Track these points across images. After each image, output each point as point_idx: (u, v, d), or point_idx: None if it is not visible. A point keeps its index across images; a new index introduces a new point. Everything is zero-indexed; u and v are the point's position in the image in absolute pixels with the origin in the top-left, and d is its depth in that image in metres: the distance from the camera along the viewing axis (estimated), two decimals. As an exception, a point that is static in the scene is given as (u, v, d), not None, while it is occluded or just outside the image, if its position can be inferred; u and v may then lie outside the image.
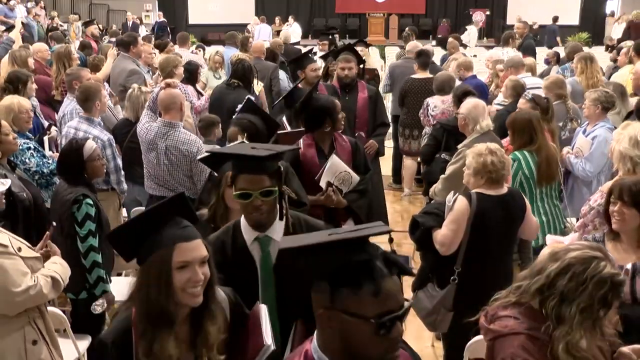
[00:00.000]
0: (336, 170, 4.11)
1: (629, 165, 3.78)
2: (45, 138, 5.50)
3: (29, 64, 6.95)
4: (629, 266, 2.95)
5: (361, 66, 6.23)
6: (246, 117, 4.03)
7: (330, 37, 10.47)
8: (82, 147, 3.88)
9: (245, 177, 2.47)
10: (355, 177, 4.22)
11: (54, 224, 3.66)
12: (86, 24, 13.58)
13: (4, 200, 3.43)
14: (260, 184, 2.46)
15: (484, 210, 3.63)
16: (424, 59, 7.53)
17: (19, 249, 2.95)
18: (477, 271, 3.64)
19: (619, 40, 14.08)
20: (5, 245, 2.89)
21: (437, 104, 6.54)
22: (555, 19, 19.87)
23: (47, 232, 3.24)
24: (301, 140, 4.31)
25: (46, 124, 5.85)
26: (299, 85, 5.92)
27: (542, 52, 12.71)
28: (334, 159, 4.11)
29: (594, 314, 2.13)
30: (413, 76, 7.47)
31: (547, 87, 5.92)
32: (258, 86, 6.93)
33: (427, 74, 7.40)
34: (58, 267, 3.11)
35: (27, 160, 4.67)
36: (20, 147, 4.63)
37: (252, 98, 4.02)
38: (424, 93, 7.13)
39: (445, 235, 3.66)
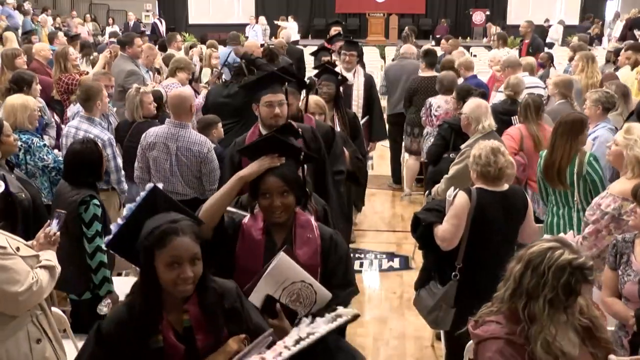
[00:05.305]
0: (284, 279, 2.55)
1: None
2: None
3: (17, 64, 6.95)
4: None
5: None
6: (174, 218, 2.25)
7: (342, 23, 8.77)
8: (98, 145, 3.90)
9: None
10: (323, 294, 2.61)
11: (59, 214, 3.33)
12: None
13: None
14: None
15: (483, 205, 3.64)
16: (430, 58, 7.60)
17: (18, 249, 2.94)
18: (477, 266, 3.63)
19: (623, 38, 14.14)
20: (3, 247, 2.87)
21: (440, 104, 6.53)
22: (582, 18, 20.58)
23: (49, 221, 3.19)
24: (245, 219, 2.78)
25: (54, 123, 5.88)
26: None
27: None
28: (281, 260, 2.55)
29: (562, 303, 2.16)
30: (421, 75, 7.50)
31: (555, 83, 5.96)
32: None
33: (433, 73, 7.46)
34: (48, 255, 3.08)
35: (44, 157, 4.71)
36: (37, 145, 4.69)
37: (160, 186, 2.40)
38: (432, 92, 7.11)
39: (447, 230, 3.67)
